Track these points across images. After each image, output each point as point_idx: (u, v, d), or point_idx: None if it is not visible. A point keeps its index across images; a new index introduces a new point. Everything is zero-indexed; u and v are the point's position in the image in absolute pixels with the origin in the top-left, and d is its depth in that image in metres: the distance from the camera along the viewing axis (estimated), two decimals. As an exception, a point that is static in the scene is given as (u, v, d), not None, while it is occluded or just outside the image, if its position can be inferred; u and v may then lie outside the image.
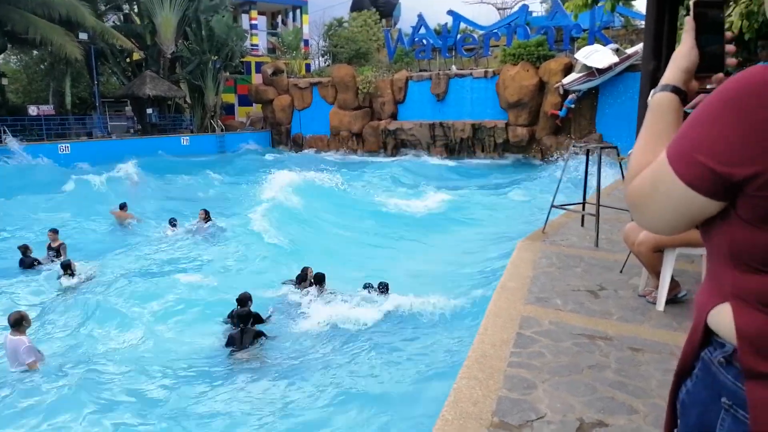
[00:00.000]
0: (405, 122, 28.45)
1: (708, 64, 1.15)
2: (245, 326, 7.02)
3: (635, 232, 4.21)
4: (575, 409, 2.76)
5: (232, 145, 31.37)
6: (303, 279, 8.80)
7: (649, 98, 1.20)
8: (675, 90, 1.14)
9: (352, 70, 29.97)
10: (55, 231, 11.12)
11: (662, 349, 3.44)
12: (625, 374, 3.11)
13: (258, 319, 7.55)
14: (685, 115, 1.13)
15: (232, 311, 7.53)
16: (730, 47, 1.16)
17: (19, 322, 6.38)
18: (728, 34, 1.16)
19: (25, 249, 10.53)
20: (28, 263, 10.40)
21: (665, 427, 1.26)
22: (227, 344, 6.99)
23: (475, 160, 26.44)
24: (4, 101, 27.27)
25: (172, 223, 13.12)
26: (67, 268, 9.41)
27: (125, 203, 14.54)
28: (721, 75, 1.16)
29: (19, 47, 28.99)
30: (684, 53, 1.15)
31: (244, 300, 7.53)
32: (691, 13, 1.15)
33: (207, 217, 12.92)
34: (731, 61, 1.17)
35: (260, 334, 7.11)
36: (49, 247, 10.87)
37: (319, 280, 8.53)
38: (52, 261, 10.53)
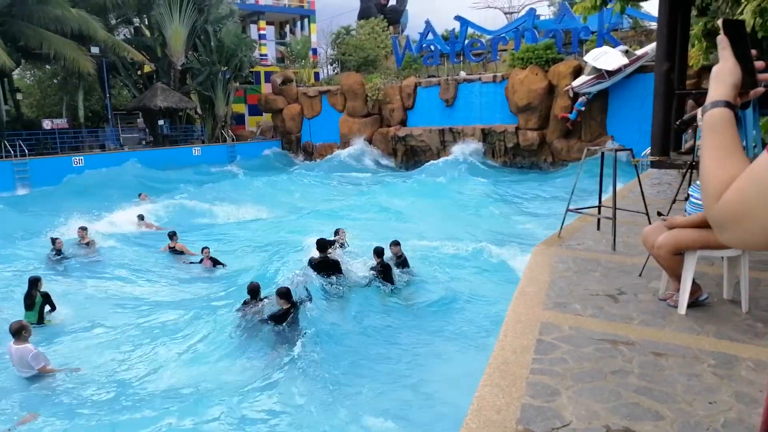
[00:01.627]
0: (414, 128, 28.48)
1: (747, 80, 1.18)
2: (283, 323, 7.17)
3: (654, 234, 4.17)
4: (600, 415, 2.73)
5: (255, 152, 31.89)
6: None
7: (699, 117, 1.20)
8: (728, 105, 1.16)
9: (361, 77, 30.09)
10: (84, 228, 11.66)
11: (686, 353, 3.39)
12: (649, 379, 3.07)
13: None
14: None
15: (247, 302, 7.73)
16: (759, 63, 1.20)
17: (19, 332, 6.64)
18: (753, 51, 1.18)
19: (54, 241, 11.26)
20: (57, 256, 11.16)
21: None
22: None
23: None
24: (19, 116, 27.67)
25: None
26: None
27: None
28: (761, 89, 1.20)
29: (32, 62, 29.45)
30: (731, 69, 1.18)
31: (254, 290, 7.64)
32: (722, 31, 1.19)
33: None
34: (764, 76, 1.20)
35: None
36: (78, 245, 11.40)
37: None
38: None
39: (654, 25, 22.52)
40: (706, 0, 10.63)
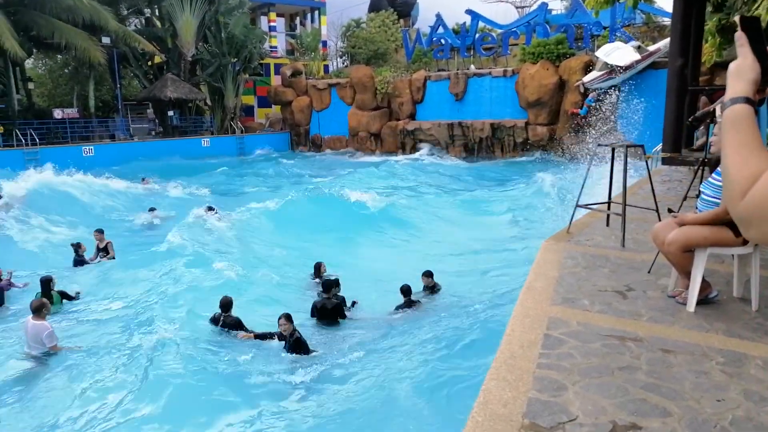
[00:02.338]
0: (423, 122, 28.41)
1: (765, 77, 1.19)
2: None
3: (664, 231, 4.14)
4: (607, 411, 2.72)
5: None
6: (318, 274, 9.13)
7: (719, 114, 1.20)
8: (748, 101, 1.16)
9: (371, 70, 30.02)
10: (100, 231, 11.61)
11: (694, 351, 3.38)
12: (657, 376, 3.06)
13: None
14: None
15: (217, 315, 7.73)
16: None
17: (40, 309, 6.99)
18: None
19: (78, 247, 11.15)
20: (78, 262, 11.10)
21: None
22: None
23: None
24: (30, 105, 27.86)
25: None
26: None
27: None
28: None
29: (44, 52, 29.61)
30: (750, 65, 1.18)
31: (227, 305, 7.69)
32: (739, 27, 1.19)
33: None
34: None
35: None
36: (98, 248, 11.34)
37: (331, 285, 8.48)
38: (100, 260, 11.22)
39: (667, 20, 22.30)
40: (721, -5, 10.50)
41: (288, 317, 7.04)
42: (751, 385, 2.95)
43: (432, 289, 9.23)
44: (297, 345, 6.92)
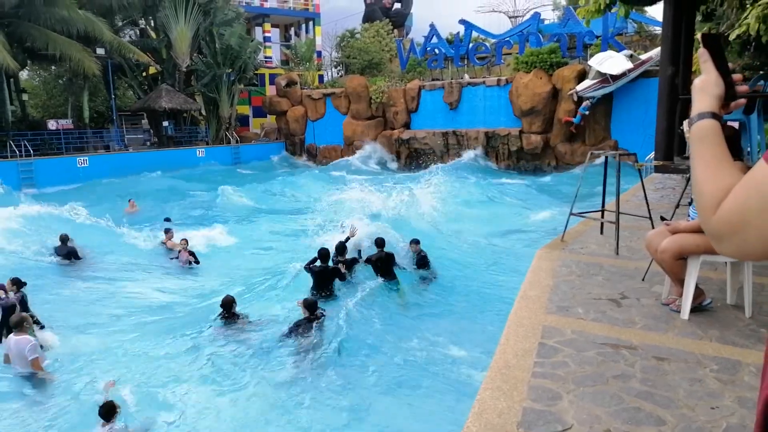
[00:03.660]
0: (418, 131, 28.51)
1: (728, 92, 1.22)
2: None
3: (658, 239, 4.16)
4: (602, 419, 2.72)
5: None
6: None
7: (686, 130, 1.22)
8: (714, 116, 1.18)
9: (365, 80, 30.13)
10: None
11: (688, 358, 3.38)
12: (651, 384, 3.06)
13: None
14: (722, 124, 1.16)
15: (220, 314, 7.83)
16: (737, 76, 1.25)
17: (20, 324, 6.70)
18: (730, 64, 1.21)
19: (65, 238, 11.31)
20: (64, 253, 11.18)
21: None
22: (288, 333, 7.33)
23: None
24: (24, 116, 27.80)
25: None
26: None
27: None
28: (741, 101, 1.23)
29: (38, 63, 29.58)
30: (714, 81, 1.21)
31: (228, 303, 7.79)
32: (702, 44, 1.22)
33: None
34: (742, 88, 1.23)
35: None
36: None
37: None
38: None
39: (658, 29, 22.51)
40: (711, 5, 10.62)
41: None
42: (745, 392, 2.96)
43: (422, 260, 9.82)
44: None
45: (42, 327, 8.08)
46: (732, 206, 1.01)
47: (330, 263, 8.97)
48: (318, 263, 8.80)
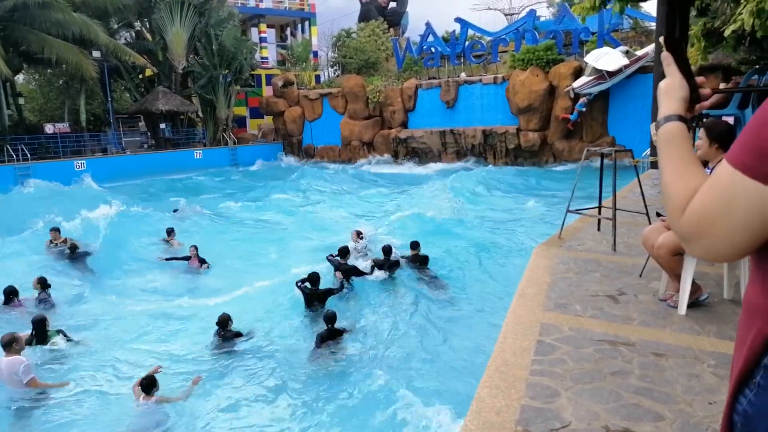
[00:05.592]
0: (416, 130, 28.51)
1: (692, 95, 1.23)
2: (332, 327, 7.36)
3: (654, 235, 4.17)
4: (600, 416, 2.73)
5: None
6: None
7: (653, 132, 1.23)
8: (681, 119, 1.19)
9: (362, 80, 30.14)
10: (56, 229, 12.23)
11: (686, 354, 3.39)
12: (649, 380, 3.07)
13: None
14: (701, 117, 1.18)
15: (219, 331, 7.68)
16: (700, 79, 1.26)
17: (10, 344, 6.38)
18: (692, 68, 1.23)
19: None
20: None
21: None
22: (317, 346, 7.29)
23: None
24: (21, 120, 27.76)
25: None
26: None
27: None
28: (705, 103, 1.25)
29: (34, 67, 29.54)
30: (680, 84, 1.23)
31: (224, 321, 7.65)
32: (664, 48, 1.24)
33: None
34: (705, 91, 1.25)
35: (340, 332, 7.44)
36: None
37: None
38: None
39: (654, 25, 22.52)
40: (705, 0, 10.65)
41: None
42: (742, 387, 2.96)
43: (421, 261, 9.93)
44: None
45: (69, 340, 7.68)
46: (698, 207, 1.02)
47: (334, 268, 9.25)
48: (308, 285, 8.60)
